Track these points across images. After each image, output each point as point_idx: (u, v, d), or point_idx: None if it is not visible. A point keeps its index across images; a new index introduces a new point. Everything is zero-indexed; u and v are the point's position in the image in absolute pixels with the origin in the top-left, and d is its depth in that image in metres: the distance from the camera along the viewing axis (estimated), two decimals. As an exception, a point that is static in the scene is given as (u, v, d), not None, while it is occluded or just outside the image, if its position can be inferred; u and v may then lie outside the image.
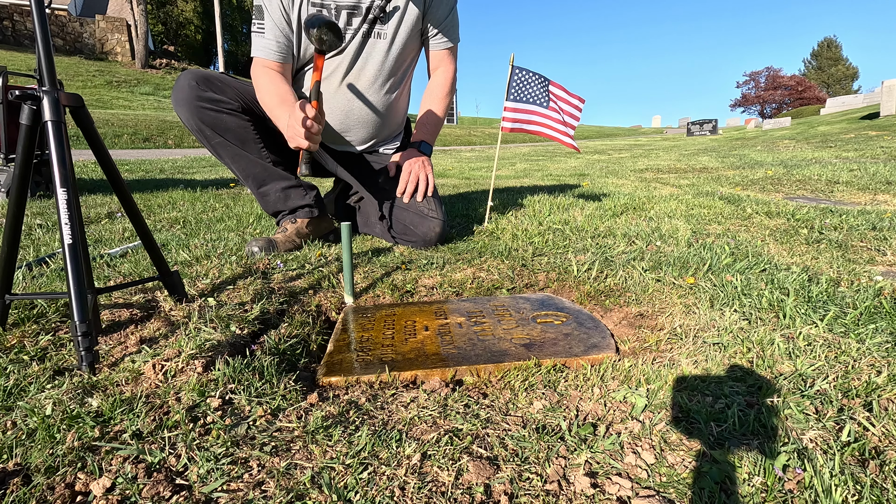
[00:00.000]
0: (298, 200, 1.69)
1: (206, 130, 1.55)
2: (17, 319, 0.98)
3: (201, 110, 1.52)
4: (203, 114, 1.53)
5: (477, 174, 4.72)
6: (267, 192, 1.66)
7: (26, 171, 0.86)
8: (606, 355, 0.92)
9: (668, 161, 6.03)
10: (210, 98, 1.53)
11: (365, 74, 1.63)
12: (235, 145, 1.59)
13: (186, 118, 1.54)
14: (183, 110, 1.54)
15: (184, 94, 1.52)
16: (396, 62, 1.65)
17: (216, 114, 1.54)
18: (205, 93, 1.52)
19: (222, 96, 1.55)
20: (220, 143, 1.58)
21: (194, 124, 1.54)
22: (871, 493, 0.57)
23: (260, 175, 1.64)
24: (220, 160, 1.64)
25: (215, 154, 1.62)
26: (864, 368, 0.81)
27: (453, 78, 1.80)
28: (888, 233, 1.72)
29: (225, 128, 1.56)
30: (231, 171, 1.66)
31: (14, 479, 0.59)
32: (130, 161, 5.49)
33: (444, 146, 14.00)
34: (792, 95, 44.90)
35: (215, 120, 1.55)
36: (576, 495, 0.59)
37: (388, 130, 1.80)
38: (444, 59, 1.76)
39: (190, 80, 1.52)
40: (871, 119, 12.32)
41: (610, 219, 2.05)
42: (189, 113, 1.53)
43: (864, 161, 4.67)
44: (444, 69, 1.78)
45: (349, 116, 1.68)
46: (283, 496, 0.57)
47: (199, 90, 1.52)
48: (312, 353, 1.02)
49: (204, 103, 1.52)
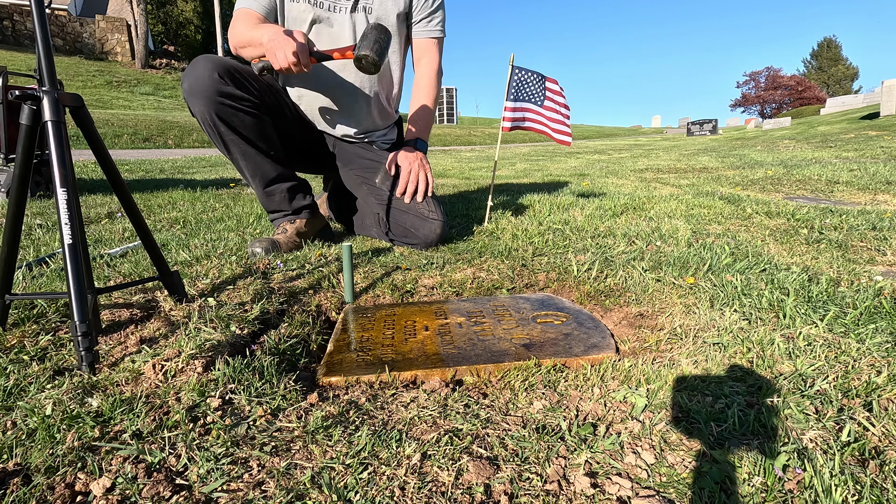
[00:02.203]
0: (300, 201, 1.69)
1: (221, 126, 1.49)
2: (17, 319, 0.98)
3: (220, 106, 1.45)
4: (222, 110, 1.46)
5: (477, 174, 4.72)
6: (273, 191, 1.65)
7: (26, 171, 0.86)
8: (606, 355, 0.92)
9: (668, 161, 6.03)
10: (232, 94, 1.46)
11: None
12: (248, 143, 1.55)
13: (201, 110, 1.46)
14: (199, 102, 1.44)
15: (203, 85, 1.43)
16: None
17: (235, 111, 1.48)
18: (226, 87, 1.44)
19: (245, 93, 1.49)
20: (234, 140, 1.52)
21: (209, 118, 1.47)
22: (871, 493, 0.57)
23: (268, 174, 1.62)
24: (226, 155, 1.58)
25: (224, 149, 1.55)
26: (864, 368, 0.81)
27: (439, 68, 1.79)
28: (888, 233, 1.72)
29: (242, 125, 1.51)
30: (236, 166, 1.61)
31: (14, 479, 0.59)
32: (130, 161, 5.49)
33: (444, 146, 14.00)
34: (792, 95, 44.90)
35: (233, 117, 1.48)
36: (576, 495, 0.59)
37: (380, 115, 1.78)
38: (430, 48, 1.76)
39: (212, 72, 1.43)
40: (871, 119, 12.32)
41: (610, 219, 2.05)
42: (206, 106, 1.44)
43: (864, 161, 4.67)
44: (430, 59, 1.77)
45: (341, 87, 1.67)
46: (283, 496, 0.57)
47: (222, 84, 1.43)
48: (312, 353, 1.02)
49: (225, 99, 1.45)
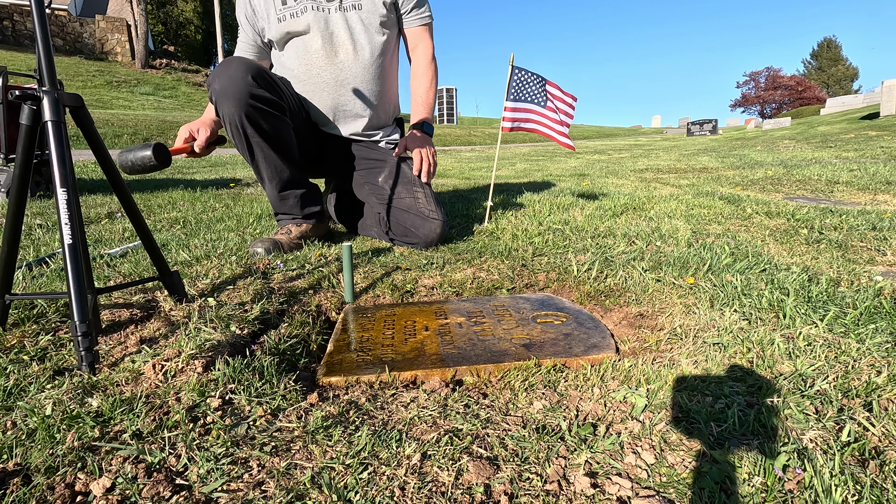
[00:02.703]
0: (311, 208, 1.71)
1: (249, 129, 1.48)
2: (17, 319, 0.98)
3: (251, 108, 1.45)
4: (252, 113, 1.46)
5: (477, 174, 4.72)
6: (287, 195, 1.66)
7: (26, 171, 0.86)
8: (606, 355, 0.92)
9: (668, 161, 6.03)
10: (264, 98, 1.46)
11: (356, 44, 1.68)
12: (272, 147, 1.55)
13: (230, 112, 1.45)
14: (229, 104, 1.44)
15: (235, 87, 1.42)
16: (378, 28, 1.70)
17: (264, 115, 1.48)
18: (258, 90, 1.45)
19: (274, 97, 1.50)
20: (259, 143, 1.52)
21: (237, 121, 1.46)
22: (871, 493, 0.57)
23: (286, 178, 1.63)
24: (247, 156, 1.57)
25: (247, 151, 1.54)
26: (864, 368, 0.81)
27: (433, 54, 1.83)
28: (888, 233, 1.72)
29: (269, 129, 1.51)
30: (255, 168, 1.61)
31: (14, 479, 0.59)
32: (130, 161, 5.47)
33: (445, 146, 14.00)
34: (792, 95, 44.88)
35: (261, 120, 1.49)
36: (576, 495, 0.59)
37: (381, 112, 1.81)
38: (422, 36, 1.80)
39: (245, 74, 1.43)
40: (871, 119, 12.31)
41: (610, 219, 2.05)
42: (236, 108, 1.44)
43: (864, 161, 4.67)
44: (424, 46, 1.81)
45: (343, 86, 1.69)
46: (283, 496, 0.57)
47: (254, 87, 1.44)
48: (312, 353, 1.02)
49: (257, 102, 1.45)
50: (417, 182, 1.71)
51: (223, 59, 1.51)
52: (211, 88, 1.47)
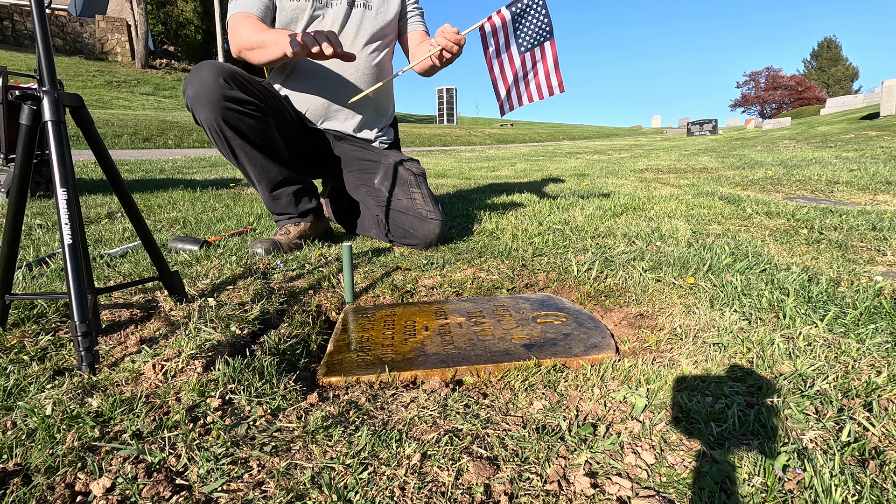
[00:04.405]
0: (306, 204, 1.70)
1: (228, 132, 1.47)
2: (17, 319, 0.98)
3: (227, 111, 1.44)
4: (228, 115, 1.44)
5: (477, 174, 4.72)
6: (279, 195, 1.65)
7: (26, 171, 0.86)
8: (606, 355, 0.92)
9: (668, 161, 6.03)
10: (237, 98, 1.44)
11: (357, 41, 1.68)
12: (255, 148, 1.54)
13: (207, 117, 1.44)
14: (204, 109, 1.43)
15: (208, 91, 1.41)
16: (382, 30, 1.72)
17: (241, 115, 1.46)
18: (231, 91, 1.43)
19: (250, 97, 1.48)
20: (240, 145, 1.51)
21: (215, 124, 1.45)
22: (871, 494, 0.57)
23: (275, 178, 1.62)
24: (231, 160, 1.57)
25: (230, 154, 1.54)
26: (864, 368, 0.81)
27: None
28: (888, 233, 1.72)
29: (248, 130, 1.49)
30: (243, 171, 1.60)
31: (14, 479, 0.59)
32: (130, 161, 5.49)
33: (444, 146, 14.00)
34: (792, 95, 44.88)
35: (240, 122, 1.47)
36: (576, 495, 0.59)
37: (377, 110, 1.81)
38: (425, 38, 1.83)
39: (216, 77, 1.41)
40: (871, 119, 12.31)
41: (610, 219, 2.05)
42: (212, 112, 1.43)
43: (864, 161, 4.67)
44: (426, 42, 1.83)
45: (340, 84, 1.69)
46: (283, 496, 0.57)
47: (227, 89, 1.42)
48: (312, 353, 1.02)
49: (230, 103, 1.43)
50: (414, 183, 1.71)
51: (195, 65, 1.48)
52: (185, 96, 1.45)
